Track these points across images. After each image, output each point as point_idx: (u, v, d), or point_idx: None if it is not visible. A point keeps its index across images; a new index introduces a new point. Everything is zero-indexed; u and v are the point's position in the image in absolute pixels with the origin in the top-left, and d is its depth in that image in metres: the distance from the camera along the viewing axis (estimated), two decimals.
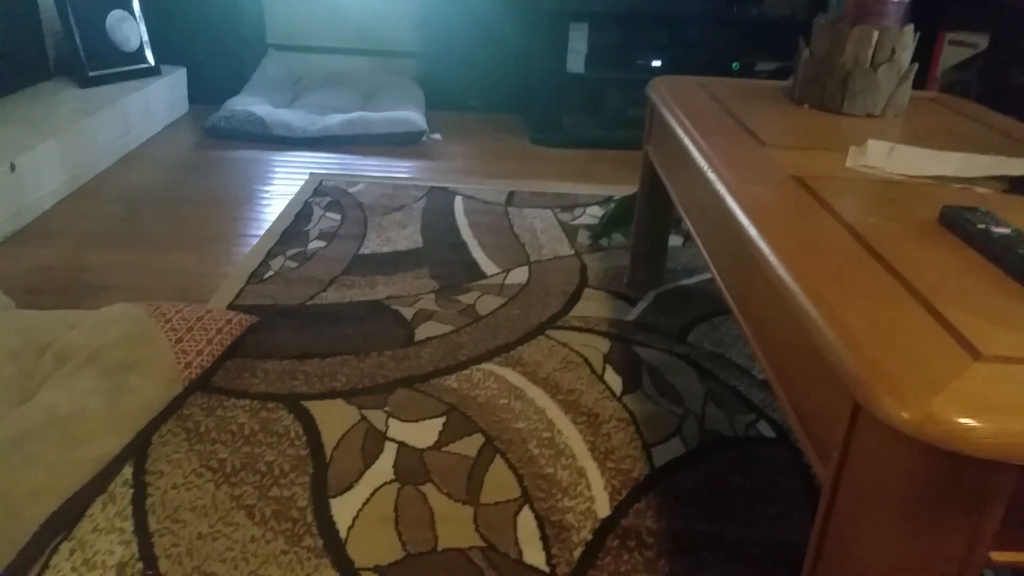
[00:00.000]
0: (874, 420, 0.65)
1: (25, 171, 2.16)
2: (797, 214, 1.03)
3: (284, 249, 2.08)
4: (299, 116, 3.07)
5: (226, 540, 1.14)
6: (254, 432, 1.36)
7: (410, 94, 3.36)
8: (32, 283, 1.86)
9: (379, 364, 1.58)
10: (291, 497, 1.22)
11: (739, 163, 1.23)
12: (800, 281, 0.82)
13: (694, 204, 1.37)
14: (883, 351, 0.69)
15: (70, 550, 1.11)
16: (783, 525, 1.22)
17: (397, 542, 1.15)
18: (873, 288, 0.82)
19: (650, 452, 1.37)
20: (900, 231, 0.99)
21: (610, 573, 1.11)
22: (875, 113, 1.58)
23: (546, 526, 1.19)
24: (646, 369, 1.62)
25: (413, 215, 2.35)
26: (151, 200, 2.42)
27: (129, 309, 1.51)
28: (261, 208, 2.38)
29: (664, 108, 1.58)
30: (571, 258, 2.12)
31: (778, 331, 0.91)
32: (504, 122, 3.46)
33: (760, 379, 1.60)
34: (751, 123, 1.45)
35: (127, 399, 1.32)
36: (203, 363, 1.46)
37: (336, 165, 2.80)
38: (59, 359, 1.39)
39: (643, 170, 1.85)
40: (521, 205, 2.47)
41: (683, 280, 2.03)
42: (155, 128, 3.08)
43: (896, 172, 1.20)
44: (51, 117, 2.50)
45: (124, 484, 1.23)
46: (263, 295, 1.83)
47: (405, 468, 1.30)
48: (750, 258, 0.96)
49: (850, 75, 1.57)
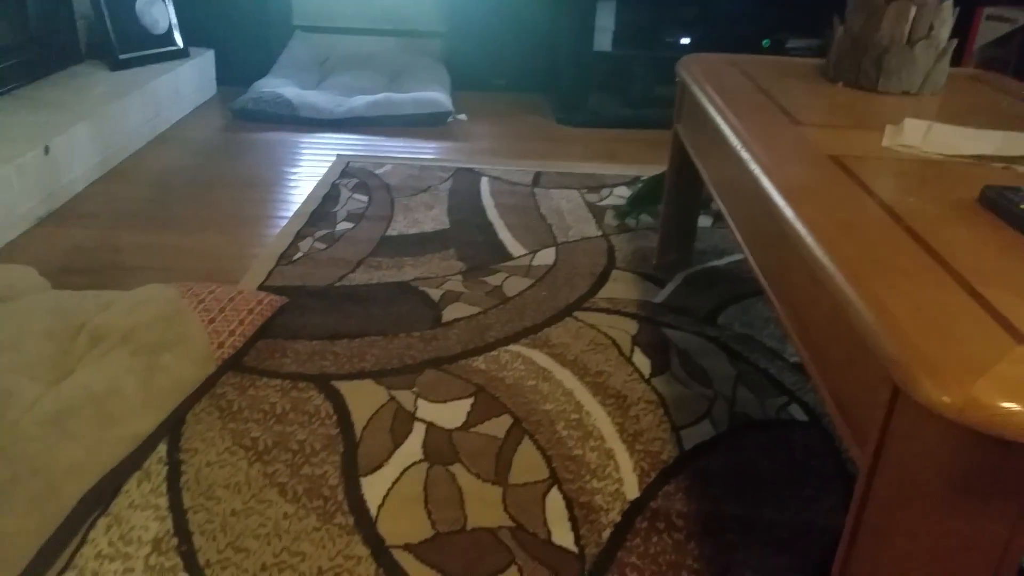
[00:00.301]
0: (913, 404, 0.63)
1: (58, 154, 2.19)
2: (834, 194, 1.02)
3: (312, 231, 2.08)
4: (326, 97, 3.07)
5: (259, 517, 1.15)
6: (285, 411, 1.37)
7: (436, 74, 3.35)
8: (66, 264, 1.88)
9: (407, 345, 1.58)
10: (322, 475, 1.24)
11: (773, 142, 1.21)
12: (837, 261, 0.81)
13: (726, 184, 1.36)
14: (923, 333, 0.68)
15: (107, 526, 1.12)
16: (814, 509, 1.22)
17: (427, 521, 1.16)
18: (912, 269, 0.81)
19: (679, 435, 1.37)
20: (939, 211, 0.97)
21: (639, 555, 1.11)
22: (911, 91, 1.55)
23: (575, 507, 1.19)
24: (675, 351, 1.61)
25: (440, 196, 2.35)
26: (181, 182, 2.44)
27: (162, 290, 1.53)
28: (289, 190, 2.39)
29: (695, 86, 1.56)
30: (599, 239, 2.11)
31: (814, 312, 0.90)
32: (530, 102, 3.44)
33: (792, 362, 1.59)
34: (784, 101, 1.43)
35: (161, 378, 1.33)
36: (235, 343, 1.47)
37: (363, 146, 2.80)
38: (94, 339, 1.41)
39: (673, 149, 1.84)
40: (548, 186, 2.46)
41: (713, 261, 2.01)
42: (184, 110, 3.10)
43: (934, 151, 1.18)
44: (83, 100, 2.52)
45: (159, 461, 1.25)
46: (292, 276, 1.84)
47: (434, 448, 1.31)
48: (785, 239, 0.95)
49: (886, 52, 1.53)
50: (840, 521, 1.19)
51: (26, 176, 2.04)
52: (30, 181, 2.06)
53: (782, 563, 1.11)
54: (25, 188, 2.04)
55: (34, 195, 2.08)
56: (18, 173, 2.00)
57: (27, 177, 2.05)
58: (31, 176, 2.06)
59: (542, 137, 3.01)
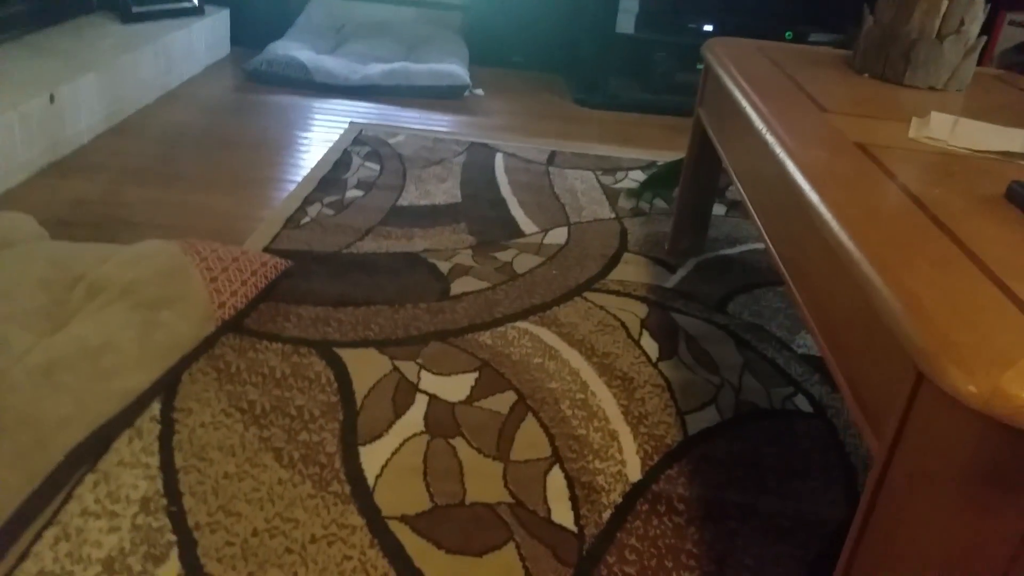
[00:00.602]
0: (937, 393, 0.61)
1: (64, 103, 2.16)
2: (860, 180, 0.99)
3: (321, 196, 2.06)
4: (341, 64, 3.04)
5: (252, 481, 1.13)
6: (285, 376, 1.35)
7: (454, 47, 3.30)
8: (67, 216, 1.86)
9: (413, 316, 1.56)
10: (320, 442, 1.21)
11: (800, 127, 1.18)
12: (864, 248, 0.78)
13: (749, 169, 1.33)
14: (950, 322, 0.65)
15: (94, 482, 1.10)
16: (817, 500, 1.19)
17: (425, 493, 1.14)
18: (939, 258, 0.78)
19: (684, 419, 1.34)
20: (966, 204, 0.94)
21: (639, 537, 1.09)
22: (937, 86, 1.52)
23: (576, 487, 1.17)
24: (683, 336, 1.59)
25: (453, 170, 2.31)
26: (190, 140, 2.41)
27: (164, 245, 1.50)
28: (299, 154, 2.36)
29: (721, 69, 1.52)
30: (611, 221, 2.08)
31: (835, 299, 0.87)
32: (548, 81, 3.40)
33: (800, 353, 1.56)
34: (811, 89, 1.40)
35: (159, 335, 1.31)
36: (237, 304, 1.45)
37: (376, 115, 2.77)
38: (92, 291, 1.39)
39: (693, 134, 1.80)
40: (563, 165, 2.43)
41: (725, 249, 1.99)
42: (196, 68, 3.06)
43: (960, 146, 1.15)
44: (92, 51, 2.49)
45: (152, 420, 1.23)
46: (299, 240, 1.82)
47: (436, 420, 1.28)
48: (809, 224, 0.92)
49: (915, 45, 1.50)
50: (841, 514, 1.17)
51: (29, 124, 2.01)
52: (33, 129, 2.03)
53: (782, 552, 1.09)
54: (28, 136, 2.01)
55: (37, 144, 2.05)
56: (21, 120, 1.97)
57: (30, 125, 2.01)
58: (34, 124, 2.03)
59: (559, 116, 2.98)
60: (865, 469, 1.26)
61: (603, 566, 1.04)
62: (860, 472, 1.26)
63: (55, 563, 0.97)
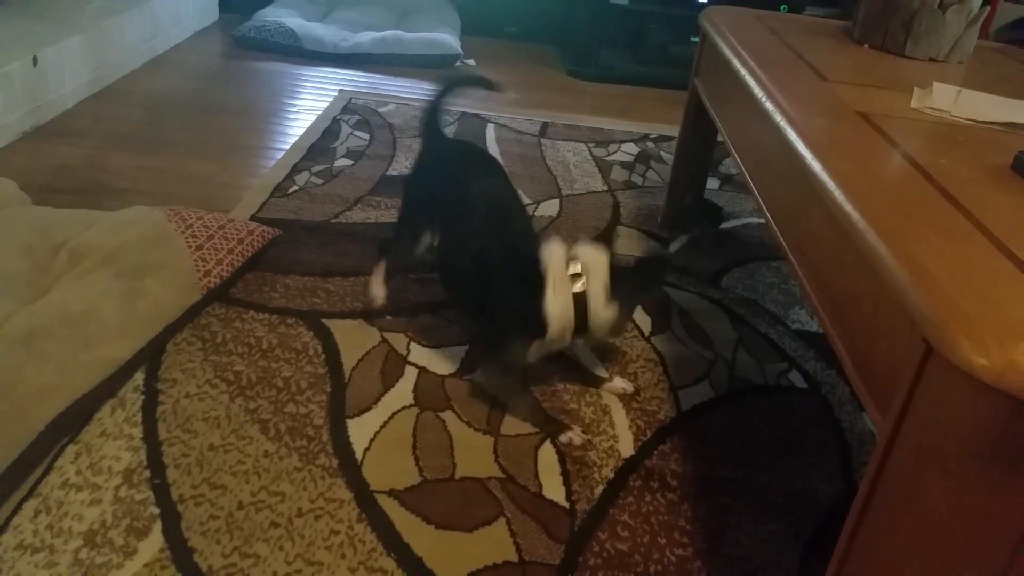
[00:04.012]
0: (946, 366, 0.59)
1: (48, 66, 2.10)
2: (864, 150, 0.96)
3: (310, 165, 2.02)
4: (331, 31, 2.98)
5: (238, 453, 1.10)
6: (272, 347, 1.32)
7: (446, 16, 3.25)
8: (50, 181, 1.81)
9: (403, 287, 1.53)
10: (307, 415, 1.19)
11: (801, 96, 1.15)
12: (869, 217, 0.76)
13: (747, 140, 1.30)
14: (960, 292, 0.63)
15: (76, 453, 1.07)
16: (811, 476, 1.18)
17: (414, 467, 1.11)
18: (947, 228, 0.76)
19: (677, 395, 1.32)
20: (972, 174, 0.92)
21: (631, 513, 1.07)
22: (938, 58, 1.49)
23: (567, 462, 1.15)
24: (676, 311, 1.56)
25: None
26: (176, 106, 2.36)
27: (148, 212, 1.47)
28: (288, 122, 2.32)
29: (719, 38, 1.49)
30: (604, 194, 2.05)
31: (838, 272, 0.85)
32: (541, 52, 3.35)
33: (794, 328, 1.54)
34: (811, 58, 1.37)
35: (142, 303, 1.28)
36: (223, 272, 1.42)
37: (366, 84, 2.72)
38: (74, 258, 1.35)
39: (689, 104, 1.77)
40: (555, 137, 2.39)
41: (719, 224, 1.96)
42: (184, 34, 3.00)
43: (964, 116, 1.13)
44: (77, 13, 2.42)
45: (135, 390, 1.20)
46: (287, 209, 1.78)
47: (425, 393, 1.26)
48: (811, 194, 0.90)
49: (916, 15, 1.47)
50: (837, 491, 1.16)
51: (11, 86, 1.96)
52: (15, 92, 1.98)
53: (776, 529, 1.08)
54: (10, 98, 1.96)
55: (19, 107, 2.00)
56: (3, 82, 1.92)
57: (12, 87, 1.96)
58: (17, 87, 1.98)
59: (551, 88, 2.93)
60: (861, 446, 1.25)
61: (595, 542, 1.03)
62: (856, 449, 1.24)
63: (35, 536, 0.95)
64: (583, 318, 1.18)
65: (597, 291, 1.17)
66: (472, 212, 1.28)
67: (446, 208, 1.33)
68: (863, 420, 1.30)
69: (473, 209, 1.28)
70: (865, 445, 1.25)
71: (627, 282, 1.20)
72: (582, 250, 1.20)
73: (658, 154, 2.34)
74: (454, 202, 1.31)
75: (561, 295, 1.16)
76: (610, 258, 1.20)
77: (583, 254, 1.20)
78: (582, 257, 1.19)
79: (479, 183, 1.33)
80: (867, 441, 1.26)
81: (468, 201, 1.29)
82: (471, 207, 1.28)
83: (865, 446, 1.25)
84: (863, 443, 1.26)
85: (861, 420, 1.30)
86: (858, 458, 1.22)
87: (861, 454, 1.23)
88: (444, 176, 1.38)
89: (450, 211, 1.32)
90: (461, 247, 1.27)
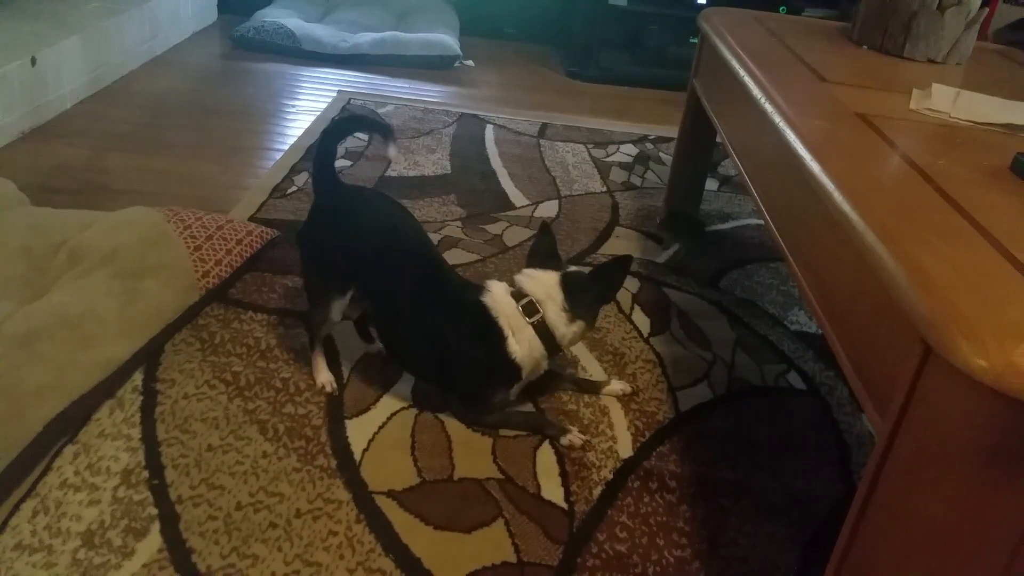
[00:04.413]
0: (945, 367, 0.59)
1: (47, 67, 2.10)
2: (863, 151, 0.96)
3: (308, 165, 2.01)
4: (330, 32, 2.98)
5: (236, 454, 1.10)
6: (270, 347, 1.32)
7: (444, 17, 3.25)
8: (49, 182, 1.81)
9: None
10: (306, 415, 1.19)
11: (800, 97, 1.16)
12: (868, 218, 0.76)
13: (746, 141, 1.30)
14: (959, 293, 0.63)
15: (74, 454, 1.07)
16: (810, 478, 1.18)
17: (412, 468, 1.11)
18: (945, 229, 0.76)
19: (676, 396, 1.32)
20: (970, 176, 0.92)
21: (630, 514, 1.07)
22: (937, 59, 1.49)
23: (566, 463, 1.15)
24: (675, 312, 1.56)
25: (442, 141, 2.27)
26: (175, 107, 2.36)
27: (147, 213, 1.47)
28: (286, 123, 2.32)
29: (718, 39, 1.49)
30: (603, 195, 2.05)
31: (837, 272, 0.85)
32: (539, 53, 3.35)
33: (793, 330, 1.54)
34: (810, 59, 1.37)
35: (141, 304, 1.27)
36: (221, 273, 1.41)
37: (365, 84, 2.72)
38: (73, 258, 1.35)
39: (688, 105, 1.77)
40: (554, 138, 2.39)
41: (717, 225, 1.96)
42: (183, 34, 3.00)
43: (962, 117, 1.13)
44: (76, 13, 2.42)
45: (134, 391, 1.20)
46: (285, 210, 1.78)
47: (424, 394, 1.26)
48: (810, 195, 0.90)
49: (915, 16, 1.47)
50: (835, 492, 1.16)
51: (9, 86, 1.96)
52: (14, 92, 1.98)
53: (775, 532, 1.08)
54: (8, 99, 1.96)
55: (17, 107, 2.00)
56: (2, 82, 1.92)
57: (10, 88, 1.96)
58: (15, 87, 1.98)
59: (550, 89, 2.94)
60: (860, 447, 1.25)
61: (593, 543, 1.03)
62: (855, 450, 1.24)
63: (33, 536, 0.95)
64: (551, 342, 1.17)
65: (556, 315, 1.17)
66: (397, 274, 1.20)
67: (363, 271, 1.21)
68: (862, 421, 1.30)
69: (397, 271, 1.20)
70: (864, 446, 1.25)
71: (587, 291, 1.18)
72: (527, 279, 1.19)
73: (657, 155, 2.35)
74: (371, 263, 1.20)
75: (523, 337, 1.16)
76: (561, 274, 1.19)
77: (529, 283, 1.18)
78: (528, 286, 1.18)
79: (393, 237, 1.23)
80: (866, 442, 1.26)
81: (388, 261, 1.20)
82: (393, 267, 1.20)
83: (864, 447, 1.25)
84: (862, 444, 1.26)
85: (860, 421, 1.30)
86: (857, 459, 1.22)
87: (860, 455, 1.23)
88: (350, 231, 1.22)
89: (370, 275, 1.21)
90: (399, 320, 1.20)
